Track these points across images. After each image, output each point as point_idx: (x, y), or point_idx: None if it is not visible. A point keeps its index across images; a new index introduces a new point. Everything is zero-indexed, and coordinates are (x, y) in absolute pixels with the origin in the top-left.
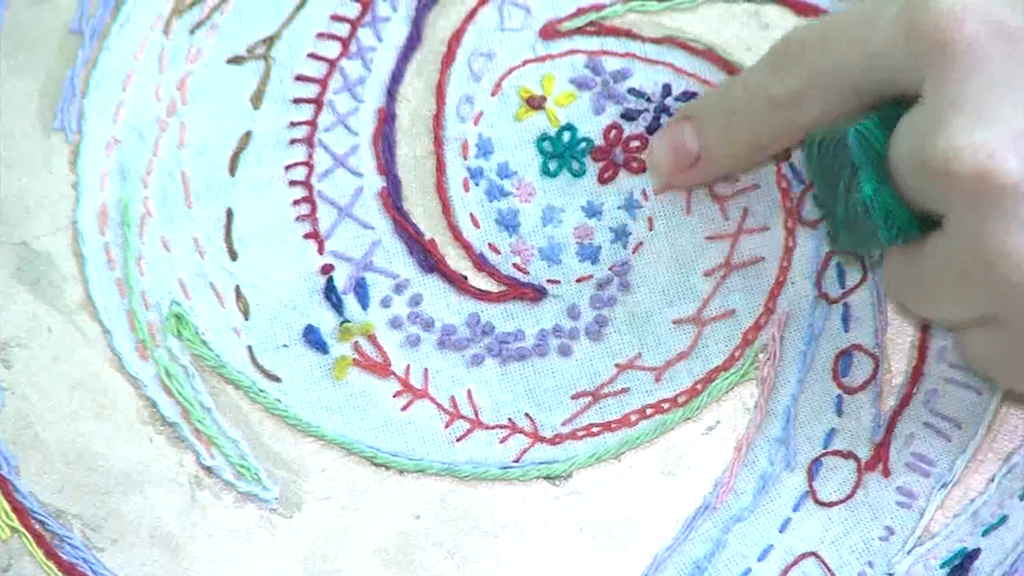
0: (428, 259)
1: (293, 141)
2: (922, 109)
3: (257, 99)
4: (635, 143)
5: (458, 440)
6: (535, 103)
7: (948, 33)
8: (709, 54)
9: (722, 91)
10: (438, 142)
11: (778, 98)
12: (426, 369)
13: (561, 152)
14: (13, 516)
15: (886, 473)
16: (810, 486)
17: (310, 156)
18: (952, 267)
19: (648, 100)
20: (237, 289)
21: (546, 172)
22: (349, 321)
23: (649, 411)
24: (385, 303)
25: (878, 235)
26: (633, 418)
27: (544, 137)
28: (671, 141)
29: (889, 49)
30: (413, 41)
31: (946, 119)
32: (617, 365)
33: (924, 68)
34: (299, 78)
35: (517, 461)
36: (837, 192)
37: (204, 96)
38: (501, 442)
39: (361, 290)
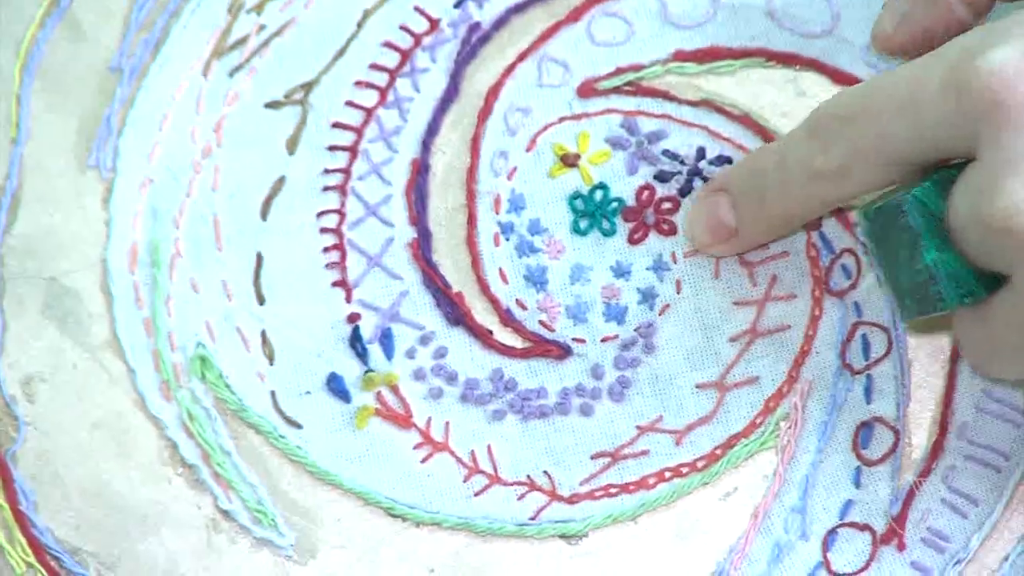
0: (455, 312)
1: (326, 188)
2: (978, 169)
3: (292, 144)
4: (667, 205)
5: (476, 495)
6: (569, 160)
7: (1002, 93)
8: (745, 119)
9: (756, 163)
10: (470, 195)
11: (821, 171)
12: (447, 422)
13: (593, 211)
14: (29, 551)
15: (901, 547)
16: (824, 557)
17: (343, 204)
18: (1020, 323)
19: (682, 163)
20: (263, 334)
21: (577, 230)
22: (373, 371)
23: (668, 474)
24: (410, 354)
25: (944, 299)
26: (651, 481)
27: (576, 195)
28: (708, 215)
29: (939, 114)
30: (450, 93)
31: (1004, 177)
32: (638, 427)
33: (978, 129)
34: (335, 125)
35: (534, 519)
36: (898, 260)
37: (240, 139)
38: (519, 499)
39: (387, 340)
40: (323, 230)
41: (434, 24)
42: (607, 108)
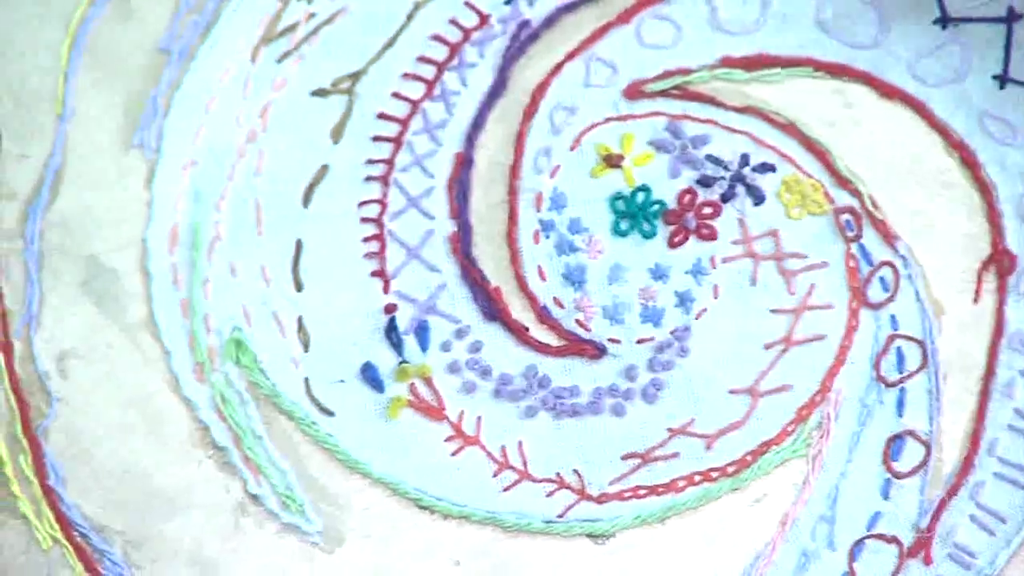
0: (492, 307)
1: (369, 178)
2: None
3: (337, 133)
4: (708, 210)
5: (505, 490)
6: (612, 161)
7: None
8: (790, 128)
9: None
10: (512, 192)
11: None
12: (479, 417)
13: (634, 212)
14: (56, 527)
15: (928, 561)
16: (850, 567)
17: (384, 195)
18: None
19: (725, 168)
20: (300, 320)
21: (617, 231)
22: (407, 362)
23: (697, 478)
24: (445, 347)
25: None
26: (681, 484)
27: (618, 196)
28: None
29: None
30: (497, 89)
31: None
32: (669, 430)
33: None
34: (381, 116)
35: (562, 516)
36: None
37: (285, 126)
38: (547, 496)
39: (422, 332)
40: (364, 220)
41: (484, 19)
42: (653, 111)
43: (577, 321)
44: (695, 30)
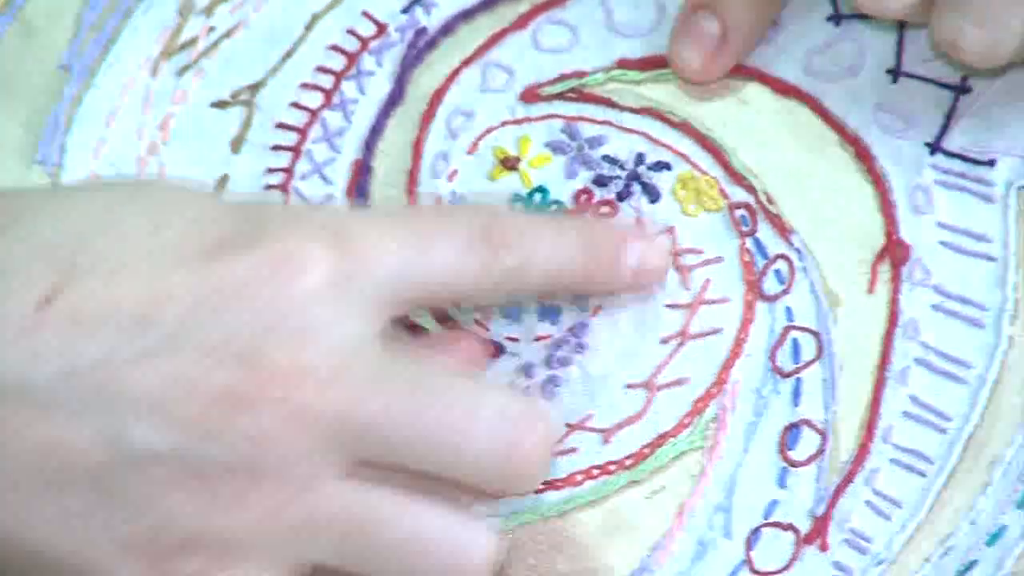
0: None
1: (269, 187)
2: None
3: (237, 144)
4: (605, 209)
5: None
6: (509, 164)
7: None
8: (685, 126)
9: None
10: (411, 197)
11: None
12: None
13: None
14: None
15: (824, 547)
16: (747, 555)
17: (285, 203)
18: None
19: (621, 167)
20: None
21: None
22: None
23: (595, 472)
24: None
25: None
26: (579, 478)
27: (516, 198)
28: (689, 33)
29: None
30: (395, 97)
31: None
32: (568, 425)
33: None
34: (280, 126)
35: None
36: None
37: (185, 138)
38: None
39: None
40: None
41: (381, 28)
42: (549, 113)
43: (476, 321)
44: (591, 34)
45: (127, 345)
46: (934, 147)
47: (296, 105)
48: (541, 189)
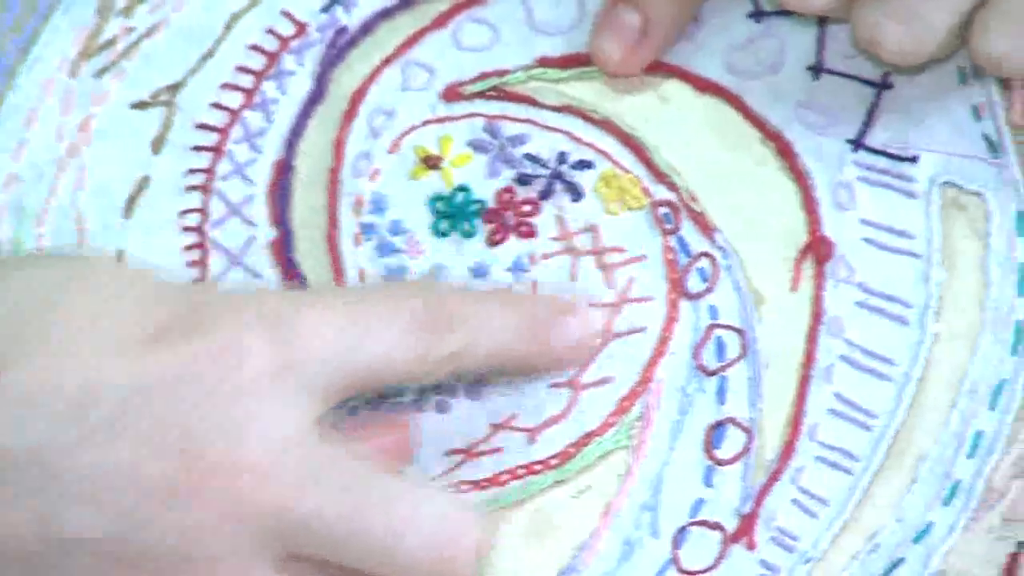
0: None
1: (190, 188)
2: None
3: (158, 145)
4: (527, 207)
5: None
6: (431, 163)
7: None
8: (608, 124)
9: None
10: (333, 196)
11: None
12: None
13: (453, 212)
14: None
15: (751, 546)
16: (674, 554)
17: (205, 203)
18: None
19: (543, 166)
20: None
21: (437, 231)
22: None
23: (521, 472)
24: None
25: None
26: (504, 478)
27: (438, 197)
28: (610, 26)
29: None
30: (316, 96)
31: None
32: (492, 425)
33: None
34: (200, 126)
35: None
36: None
37: (106, 139)
38: None
39: None
40: (185, 229)
41: (301, 28)
42: (471, 112)
43: None
44: (512, 32)
45: (65, 430)
46: (856, 144)
47: (217, 105)
48: (463, 188)
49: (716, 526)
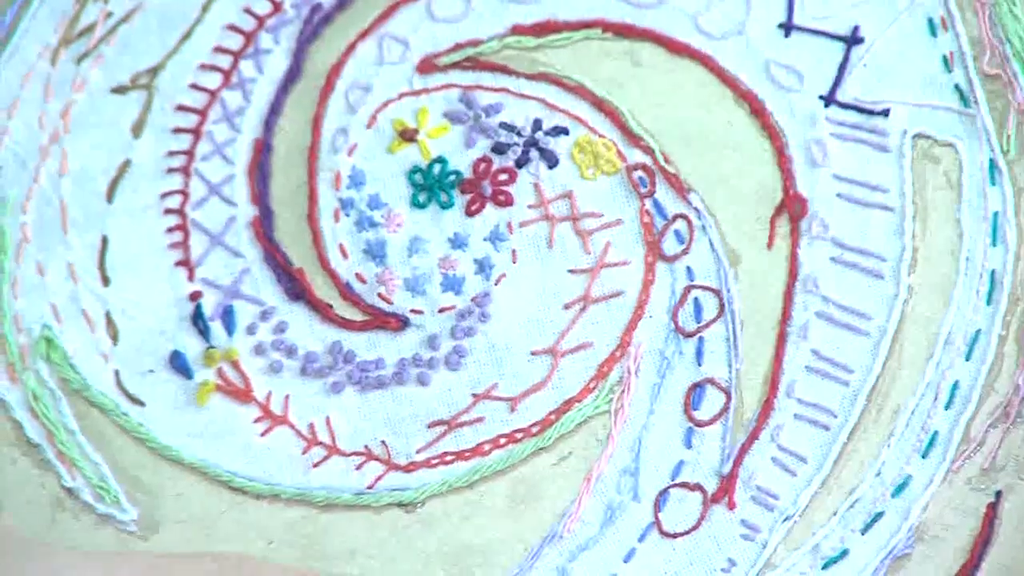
0: (295, 287)
1: (170, 170)
2: None
3: (138, 128)
4: (503, 176)
5: (315, 466)
6: (408, 136)
7: None
8: (581, 90)
9: None
10: (311, 173)
11: None
12: (287, 395)
13: (431, 184)
14: None
15: (731, 506)
16: (656, 517)
17: (186, 185)
18: None
19: (519, 134)
20: (107, 315)
21: (416, 203)
22: (214, 347)
23: (503, 440)
24: (251, 330)
25: None
26: (487, 447)
27: (416, 169)
28: None
29: None
30: (293, 73)
31: None
32: (474, 395)
33: None
34: (180, 108)
35: (371, 488)
36: None
37: (87, 125)
38: (357, 469)
39: (228, 316)
40: (167, 211)
41: (277, 6)
42: (446, 83)
43: (380, 295)
44: (485, 2)
45: None
46: (828, 99)
47: (196, 86)
48: (440, 160)
49: (697, 487)
